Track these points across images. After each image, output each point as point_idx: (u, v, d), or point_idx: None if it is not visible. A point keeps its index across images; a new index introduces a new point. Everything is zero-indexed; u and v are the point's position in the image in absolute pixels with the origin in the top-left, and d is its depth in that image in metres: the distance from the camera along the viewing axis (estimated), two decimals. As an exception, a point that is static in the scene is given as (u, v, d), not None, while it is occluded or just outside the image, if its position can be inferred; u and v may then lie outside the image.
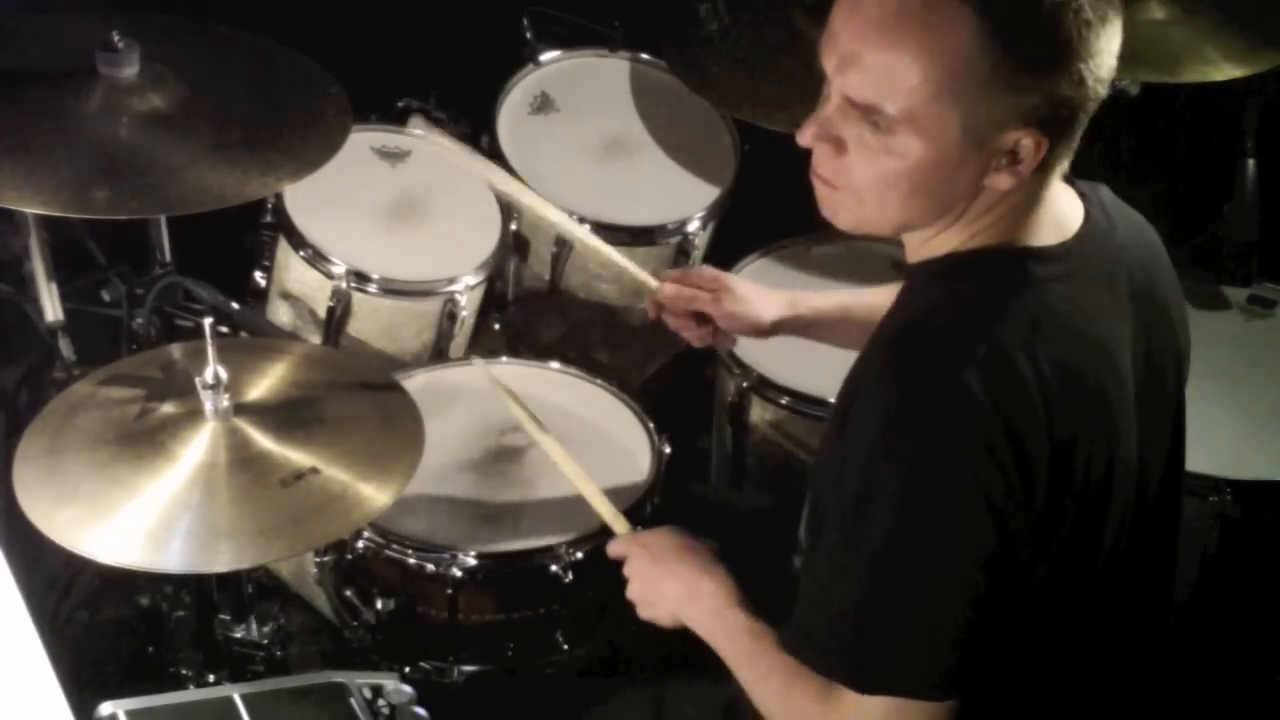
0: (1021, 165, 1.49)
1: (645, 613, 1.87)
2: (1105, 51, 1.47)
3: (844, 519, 1.54)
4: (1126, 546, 1.63)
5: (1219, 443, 2.45)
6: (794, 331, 2.20)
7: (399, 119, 2.95)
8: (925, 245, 1.61)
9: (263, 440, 1.98)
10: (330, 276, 2.64)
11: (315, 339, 2.69)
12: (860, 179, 1.53)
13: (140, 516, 1.88)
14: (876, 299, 2.13)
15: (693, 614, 1.79)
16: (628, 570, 1.88)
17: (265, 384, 2.09)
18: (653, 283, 2.24)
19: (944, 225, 1.57)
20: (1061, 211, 1.60)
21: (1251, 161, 2.92)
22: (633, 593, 1.87)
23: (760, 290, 2.21)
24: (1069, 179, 1.63)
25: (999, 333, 1.50)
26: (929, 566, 1.50)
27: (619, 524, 1.98)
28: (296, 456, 1.97)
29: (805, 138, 1.55)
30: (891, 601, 1.52)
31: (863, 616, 1.53)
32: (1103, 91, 1.49)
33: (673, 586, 1.82)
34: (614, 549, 1.93)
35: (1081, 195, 1.64)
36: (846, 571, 1.53)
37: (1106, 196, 1.68)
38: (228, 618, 2.34)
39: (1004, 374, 1.48)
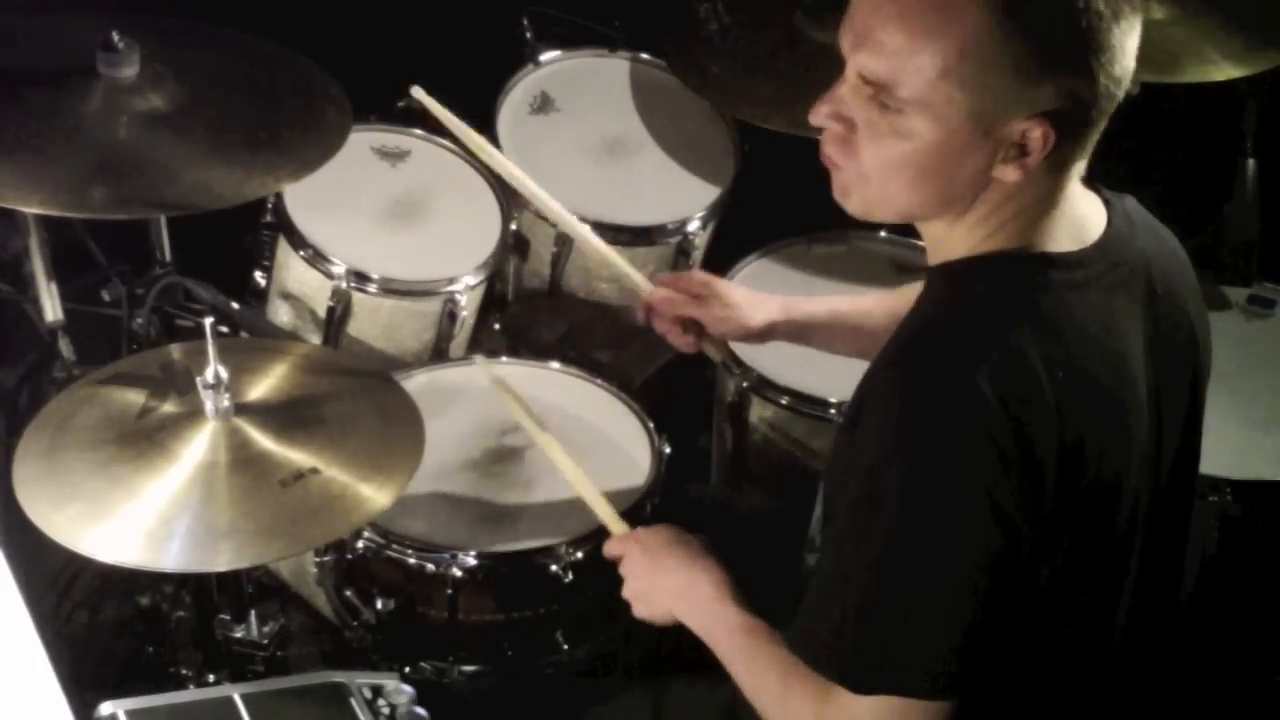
0: (1029, 158, 1.49)
1: (641, 610, 1.87)
2: (1119, 48, 1.46)
3: (852, 517, 1.54)
4: (1135, 550, 1.63)
5: (1219, 443, 2.43)
6: (787, 336, 2.21)
7: (399, 119, 2.95)
8: (942, 244, 1.61)
9: (263, 440, 1.98)
10: (330, 276, 2.64)
11: (315, 339, 2.69)
12: (868, 160, 1.53)
13: (140, 516, 1.88)
14: (869, 303, 2.13)
15: (686, 608, 1.80)
16: (623, 569, 1.89)
17: (266, 384, 2.09)
18: (646, 286, 2.25)
19: (954, 218, 1.56)
20: (1082, 216, 1.59)
21: (1251, 161, 2.92)
22: (628, 591, 1.88)
23: (751, 294, 2.21)
24: (1095, 186, 1.63)
25: (1012, 336, 1.50)
26: (932, 566, 1.50)
27: (617, 525, 1.98)
28: (297, 457, 1.97)
29: (818, 117, 1.56)
30: (894, 600, 1.51)
31: (865, 616, 1.53)
32: (1116, 91, 1.49)
33: (667, 580, 1.83)
34: (610, 548, 1.93)
35: (1106, 202, 1.64)
36: (851, 569, 1.54)
37: (1132, 205, 1.68)
38: (228, 618, 2.33)
39: (1016, 376, 1.48)
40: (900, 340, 1.59)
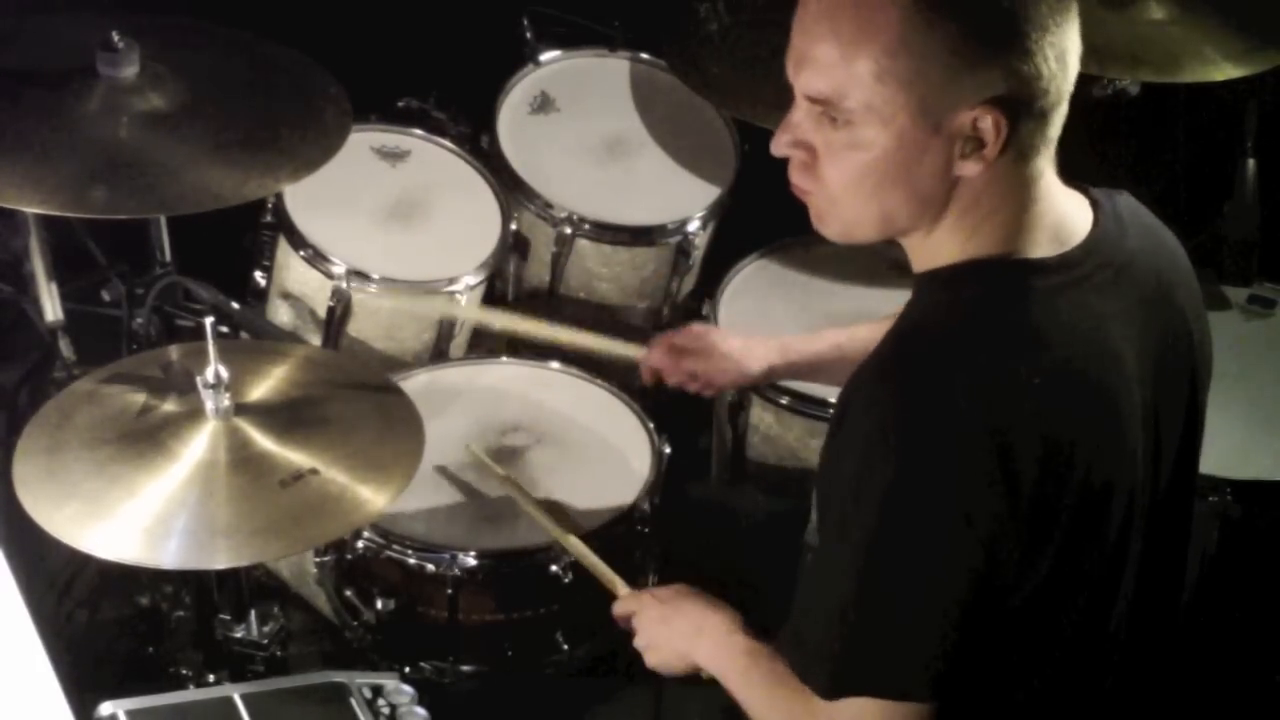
0: (986, 149, 1.49)
1: (653, 659, 1.88)
2: (1052, 27, 1.46)
3: (835, 523, 1.55)
4: (1132, 552, 1.63)
5: (1219, 443, 2.42)
6: (788, 377, 2.23)
7: (399, 119, 2.95)
8: (923, 254, 1.60)
9: (263, 440, 1.98)
10: (330, 276, 2.64)
11: (315, 339, 2.69)
12: (832, 180, 1.54)
13: (140, 515, 1.88)
14: (867, 334, 2.13)
15: (700, 645, 1.81)
16: (636, 622, 1.90)
17: (266, 385, 2.09)
18: (641, 352, 2.28)
19: (929, 224, 1.56)
20: (1064, 218, 1.58)
21: (1251, 161, 2.92)
22: (640, 642, 1.89)
23: (747, 341, 2.23)
24: (1081, 186, 1.63)
25: (995, 344, 1.50)
26: (910, 572, 1.50)
27: (622, 588, 2.02)
28: (296, 457, 1.97)
29: (779, 147, 1.57)
30: (875, 605, 1.52)
31: (848, 620, 1.53)
32: (1061, 72, 1.48)
33: (681, 622, 1.84)
34: (619, 608, 1.95)
35: (1094, 202, 1.63)
36: (834, 574, 1.54)
37: (1123, 203, 1.67)
38: (228, 617, 2.33)
39: (997, 385, 1.48)
40: (885, 348, 1.58)
